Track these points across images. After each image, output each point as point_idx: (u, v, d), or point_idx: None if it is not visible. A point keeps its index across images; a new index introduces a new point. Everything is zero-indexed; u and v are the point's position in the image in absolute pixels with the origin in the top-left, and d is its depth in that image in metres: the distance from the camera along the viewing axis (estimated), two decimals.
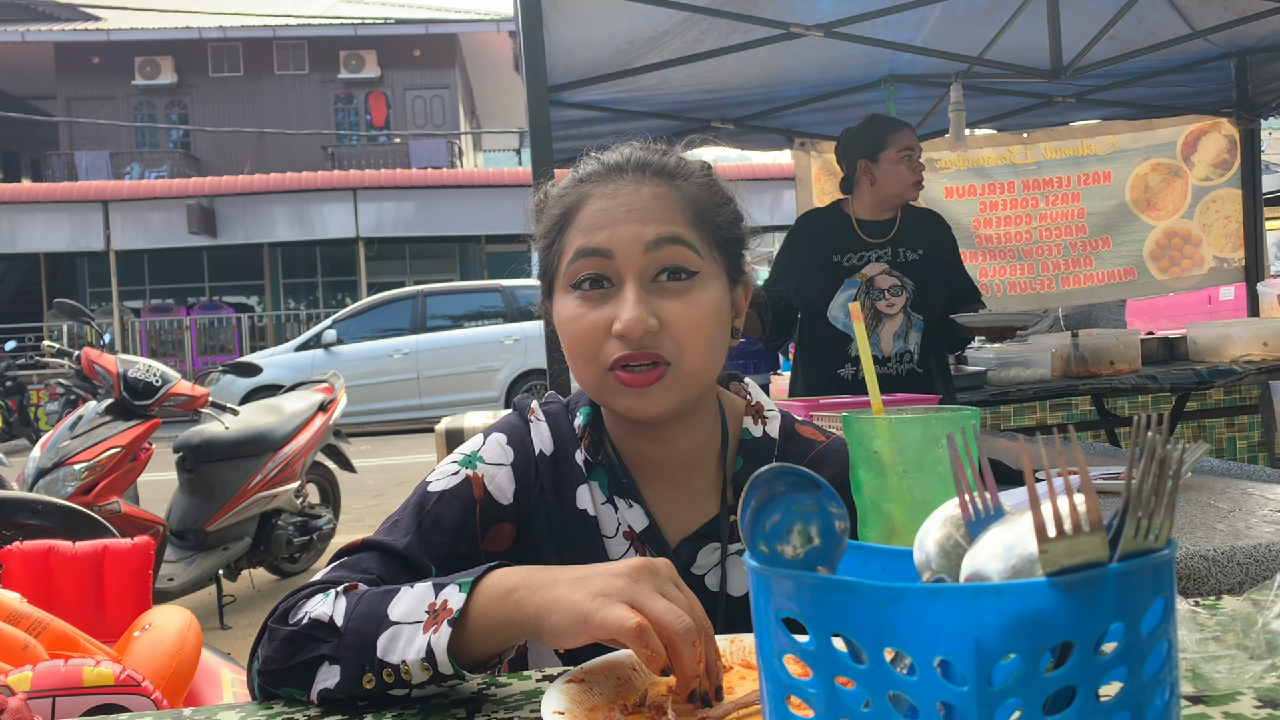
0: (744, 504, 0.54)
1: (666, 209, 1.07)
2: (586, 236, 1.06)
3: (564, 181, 1.14)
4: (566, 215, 1.10)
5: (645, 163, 1.10)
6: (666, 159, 1.11)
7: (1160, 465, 0.49)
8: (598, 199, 1.08)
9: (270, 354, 13.16)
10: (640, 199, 1.07)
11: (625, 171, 1.09)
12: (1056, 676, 0.48)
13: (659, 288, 1.05)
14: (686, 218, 1.07)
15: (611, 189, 1.08)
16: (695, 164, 1.13)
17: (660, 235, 1.04)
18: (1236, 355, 4.18)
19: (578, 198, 1.10)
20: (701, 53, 4.09)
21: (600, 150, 1.15)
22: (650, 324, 1.03)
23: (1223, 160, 5.40)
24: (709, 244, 1.09)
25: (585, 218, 1.08)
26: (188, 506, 4.66)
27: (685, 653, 0.78)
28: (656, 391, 1.05)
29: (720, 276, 1.10)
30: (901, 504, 0.80)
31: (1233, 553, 1.47)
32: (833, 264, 3.33)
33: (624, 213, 1.06)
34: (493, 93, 28.08)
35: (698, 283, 1.06)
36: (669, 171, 1.10)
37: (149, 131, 24.99)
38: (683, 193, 1.09)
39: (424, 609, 0.89)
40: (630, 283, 1.04)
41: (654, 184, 1.08)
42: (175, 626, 1.73)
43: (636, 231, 1.04)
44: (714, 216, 1.11)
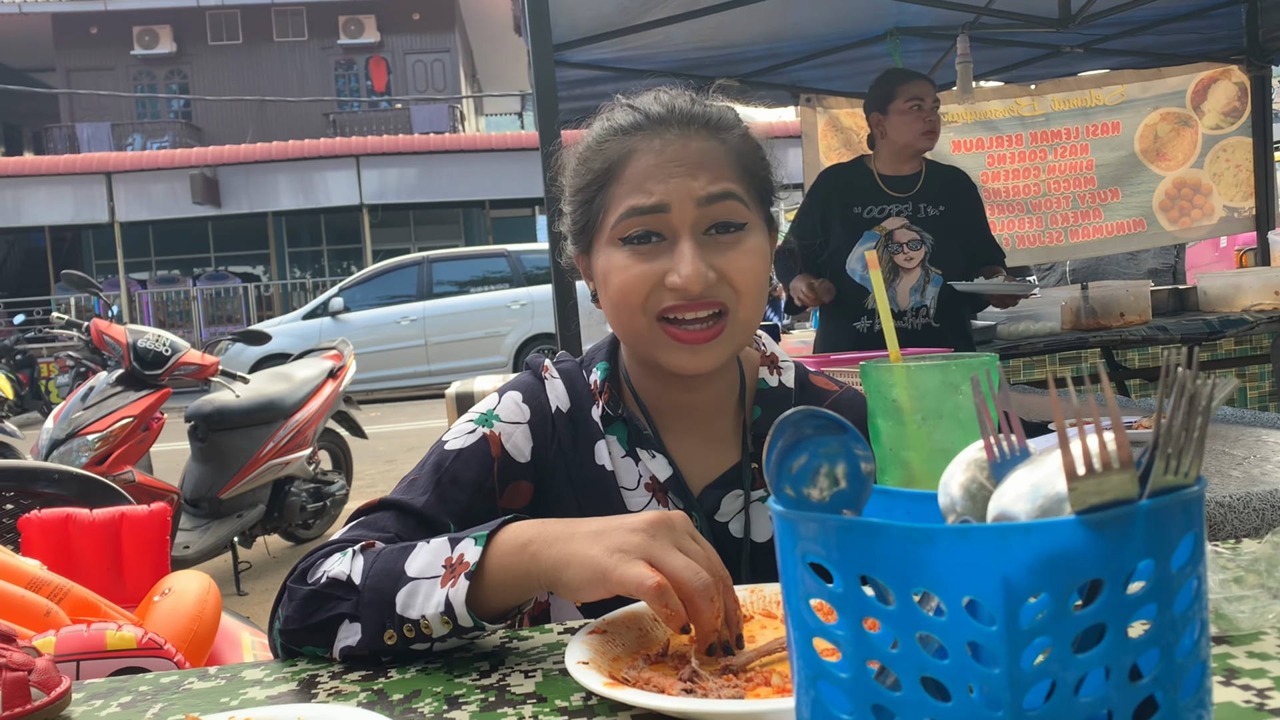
0: (770, 446, 0.53)
1: (717, 163, 1.06)
2: (638, 192, 1.05)
3: (599, 132, 1.11)
4: (611, 170, 1.08)
5: (690, 115, 1.08)
6: (710, 111, 1.10)
7: (1190, 401, 0.48)
8: (645, 154, 1.06)
9: (278, 323, 13.17)
10: (690, 153, 1.05)
11: (670, 124, 1.07)
12: (1086, 614, 0.47)
13: (711, 240, 1.06)
14: (734, 171, 1.07)
15: (659, 143, 1.06)
16: (733, 115, 1.13)
17: (713, 191, 1.05)
18: (1247, 305, 4.16)
19: (622, 151, 1.08)
20: (705, 7, 4.05)
21: (632, 97, 1.14)
22: (709, 277, 1.04)
23: (1233, 108, 5.34)
24: (753, 195, 1.10)
25: (635, 173, 1.06)
26: (201, 475, 4.69)
27: (704, 608, 0.79)
28: (714, 344, 1.06)
29: (763, 226, 1.11)
30: (920, 451, 0.80)
31: (1249, 499, 1.47)
32: (853, 215, 3.34)
33: (675, 167, 1.05)
34: (493, 56, 27.86)
35: (747, 233, 1.07)
36: (714, 124, 1.09)
37: (150, 102, 24.90)
38: (727, 145, 1.08)
39: (441, 564, 0.90)
40: (686, 237, 1.04)
41: (701, 137, 1.07)
42: (195, 591, 1.74)
43: (690, 186, 1.04)
44: (756, 168, 1.11)
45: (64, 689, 0.83)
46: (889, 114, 3.29)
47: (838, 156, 5.34)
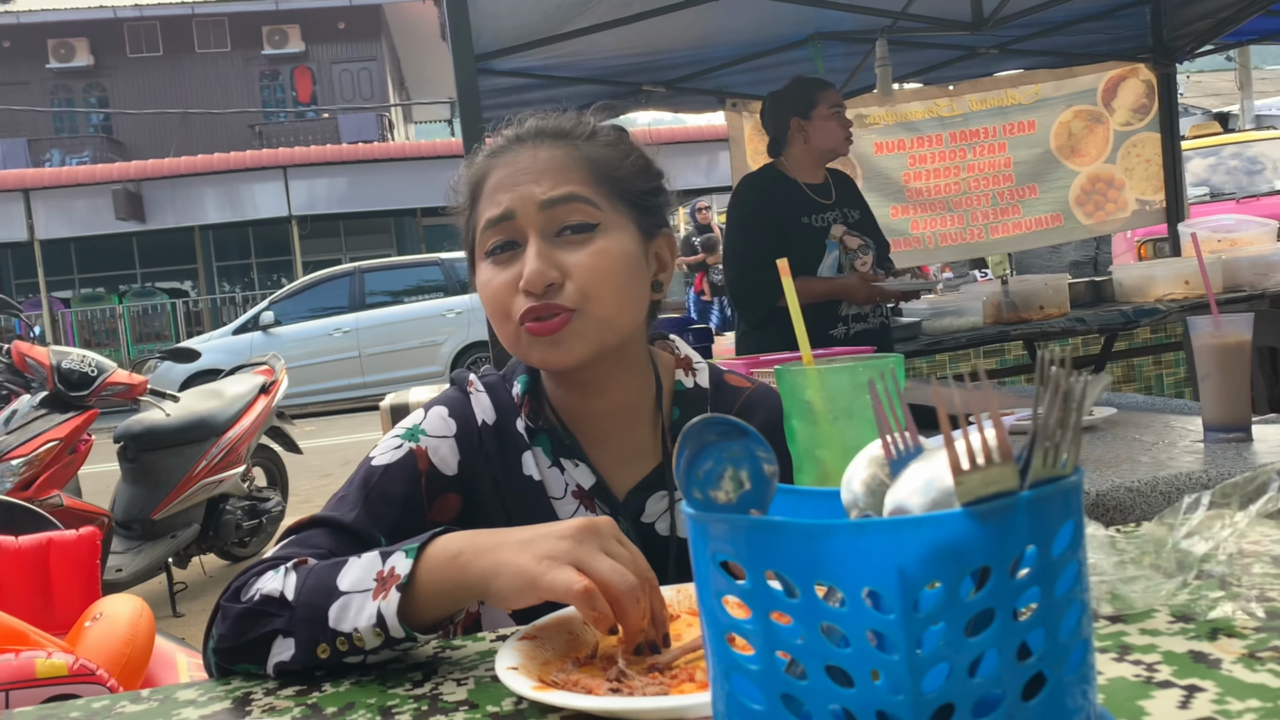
0: (678, 455, 0.56)
1: (562, 168, 1.11)
2: (491, 204, 1.11)
3: (471, 159, 1.19)
4: (475, 189, 1.15)
5: (542, 129, 1.14)
6: (563, 122, 1.16)
7: (1065, 398, 0.52)
8: (500, 168, 1.12)
9: (207, 339, 12.94)
10: (536, 161, 1.11)
11: (524, 140, 1.14)
12: (976, 600, 0.51)
13: (562, 242, 1.09)
14: (584, 174, 1.11)
15: (511, 157, 1.12)
16: (598, 125, 1.17)
17: (555, 194, 1.08)
18: (1160, 295, 4.31)
19: (484, 171, 1.14)
20: (630, 15, 4.09)
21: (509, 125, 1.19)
22: (551, 275, 1.06)
23: (1141, 105, 5.52)
24: (611, 197, 1.12)
25: (489, 188, 1.13)
26: (132, 496, 4.60)
27: (630, 610, 0.81)
28: (567, 339, 1.08)
29: (627, 227, 1.13)
30: (833, 450, 0.84)
31: (1155, 483, 1.53)
32: (803, 226, 3.37)
33: (523, 175, 1.10)
34: (421, 63, 27.65)
35: (600, 233, 1.10)
36: (565, 133, 1.14)
37: (68, 116, 24.30)
38: (580, 151, 1.13)
39: (372, 577, 0.91)
40: (532, 240, 1.08)
41: (550, 147, 1.12)
42: (127, 614, 1.72)
43: (533, 191, 1.09)
44: (616, 171, 1.14)
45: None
46: (812, 120, 3.34)
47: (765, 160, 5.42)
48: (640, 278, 1.14)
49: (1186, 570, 0.79)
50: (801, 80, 3.47)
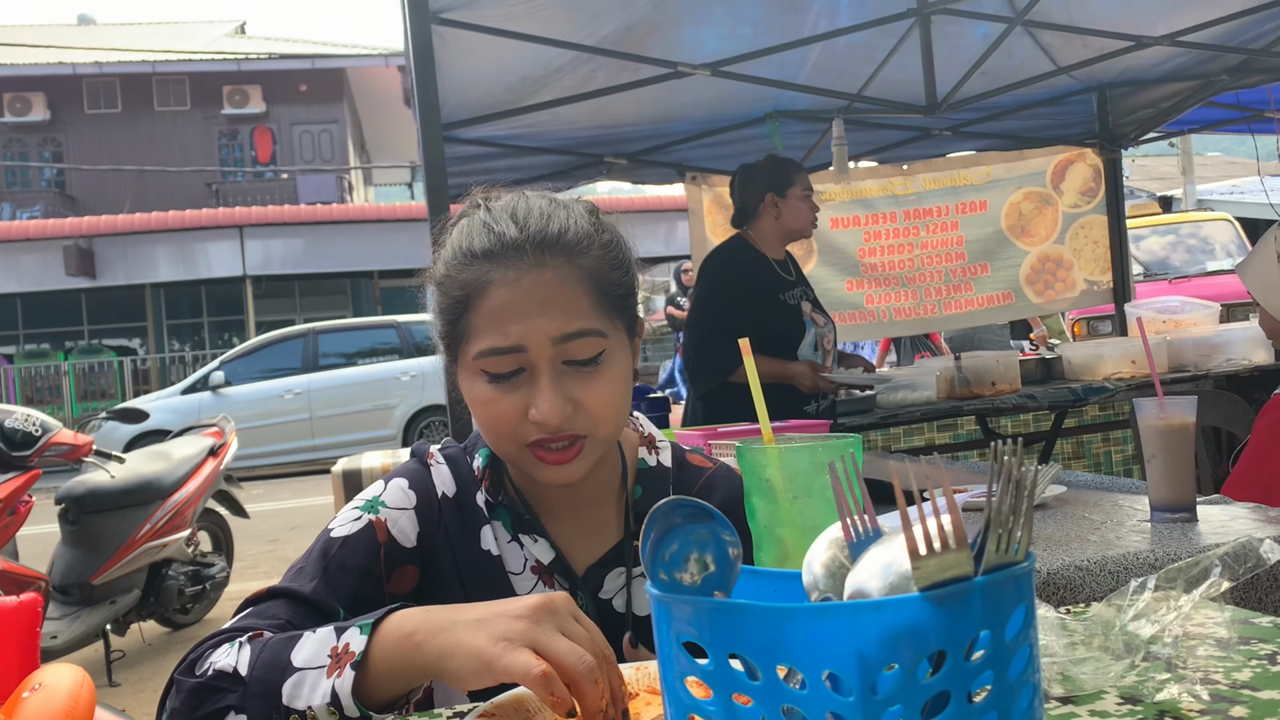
0: (644, 536, 0.57)
1: (572, 297, 1.06)
2: (495, 331, 1.05)
3: (457, 252, 1.09)
4: (469, 297, 1.07)
5: (544, 240, 1.06)
6: (565, 233, 1.08)
7: (1017, 486, 0.54)
8: (500, 286, 1.05)
9: (155, 398, 12.74)
10: (544, 287, 1.05)
11: (524, 251, 1.06)
12: (933, 683, 0.52)
13: (570, 371, 1.07)
14: (589, 299, 1.07)
15: (513, 274, 1.05)
16: (587, 228, 1.11)
17: (569, 330, 1.05)
18: (1108, 374, 4.40)
19: (479, 280, 1.07)
20: (593, 90, 4.16)
21: (488, 198, 1.13)
22: (567, 411, 1.06)
23: (1089, 188, 5.70)
24: (610, 313, 1.10)
25: (490, 307, 1.06)
26: (72, 560, 4.48)
27: (588, 691, 0.81)
28: (576, 462, 1.09)
29: (622, 339, 1.12)
30: (793, 528, 0.85)
31: (1104, 562, 1.56)
32: (780, 302, 3.43)
33: (531, 304, 1.05)
34: (383, 127, 27.82)
35: (606, 360, 1.08)
36: (568, 247, 1.07)
37: (20, 170, 24.06)
38: (584, 270, 1.08)
39: (327, 653, 0.91)
40: (544, 373, 1.05)
41: (555, 266, 1.06)
42: (67, 684, 1.67)
43: (545, 326, 1.04)
44: (614, 287, 1.11)
45: None
46: (787, 198, 3.43)
47: (723, 232, 5.49)
48: (631, 387, 1.14)
49: (1134, 652, 0.81)
50: (778, 158, 3.60)
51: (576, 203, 1.14)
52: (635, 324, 1.15)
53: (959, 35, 4.36)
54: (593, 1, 3.81)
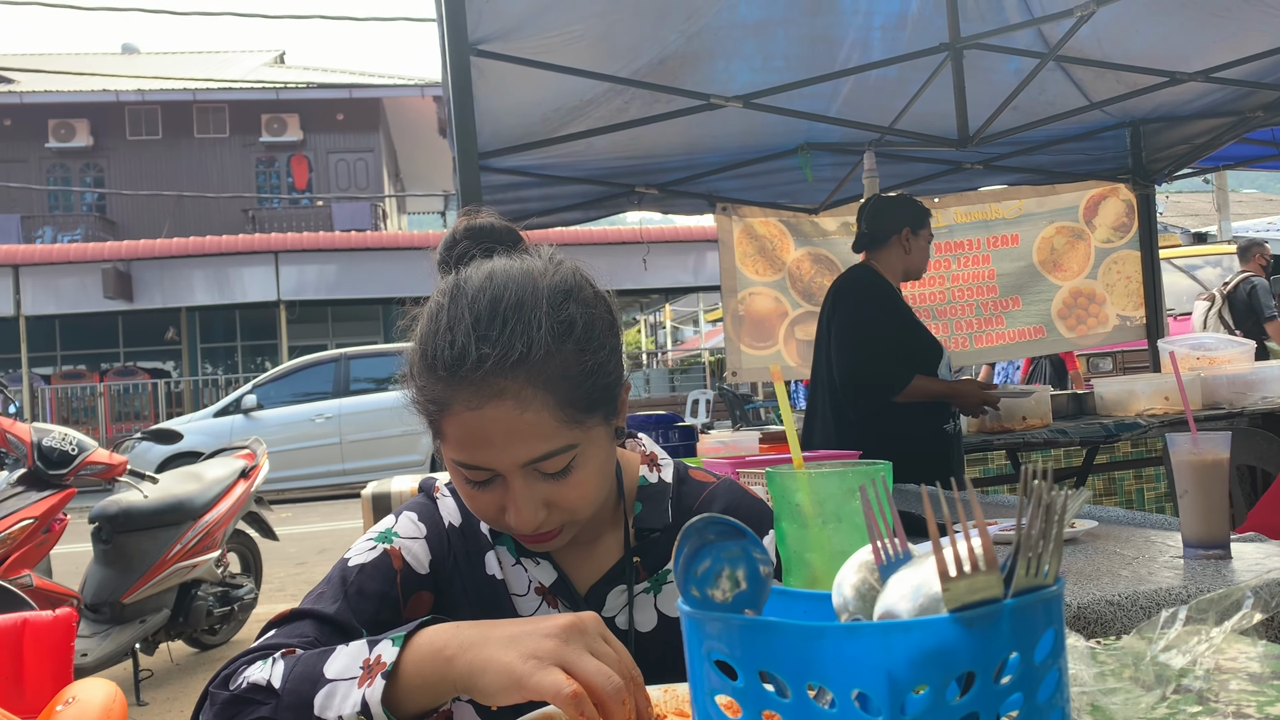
0: (677, 551, 0.58)
1: (537, 422, 1.02)
2: (460, 452, 1.05)
3: (425, 355, 1.04)
4: (434, 415, 1.05)
5: (504, 363, 1.00)
6: (529, 351, 1.01)
7: (1046, 510, 0.55)
8: (463, 412, 1.02)
9: (188, 420, 12.88)
10: (506, 417, 1.01)
11: (485, 377, 1.00)
12: (961, 704, 0.53)
13: (544, 477, 1.06)
14: (559, 415, 1.03)
15: (475, 400, 1.01)
16: (559, 329, 1.03)
17: (535, 455, 1.03)
18: (1141, 410, 4.36)
19: (443, 399, 1.03)
20: (625, 121, 4.20)
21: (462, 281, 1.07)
22: (540, 516, 1.07)
23: (1121, 223, 5.67)
24: (584, 416, 1.06)
25: (456, 431, 1.03)
26: (104, 578, 4.53)
27: (616, 711, 0.82)
28: (556, 540, 1.12)
29: (599, 430, 1.09)
30: (822, 553, 0.86)
31: (1136, 597, 1.55)
32: (920, 325, 3.62)
33: (495, 434, 1.02)
34: (417, 155, 28.15)
35: (579, 463, 1.07)
36: (533, 365, 1.01)
37: (63, 195, 24.52)
38: (551, 384, 1.02)
39: (359, 665, 0.92)
40: (515, 486, 1.05)
41: (517, 392, 1.01)
42: (99, 700, 1.69)
43: (510, 454, 1.03)
44: (587, 382, 1.06)
45: None
46: (919, 237, 3.59)
47: (753, 263, 5.53)
48: (612, 460, 1.14)
49: (1165, 684, 0.80)
50: (913, 199, 3.71)
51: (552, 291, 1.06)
52: (615, 407, 1.12)
53: (991, 70, 4.38)
54: (627, 34, 3.86)
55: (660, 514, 1.21)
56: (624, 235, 18.35)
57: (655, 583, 1.19)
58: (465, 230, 1.17)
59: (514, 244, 1.17)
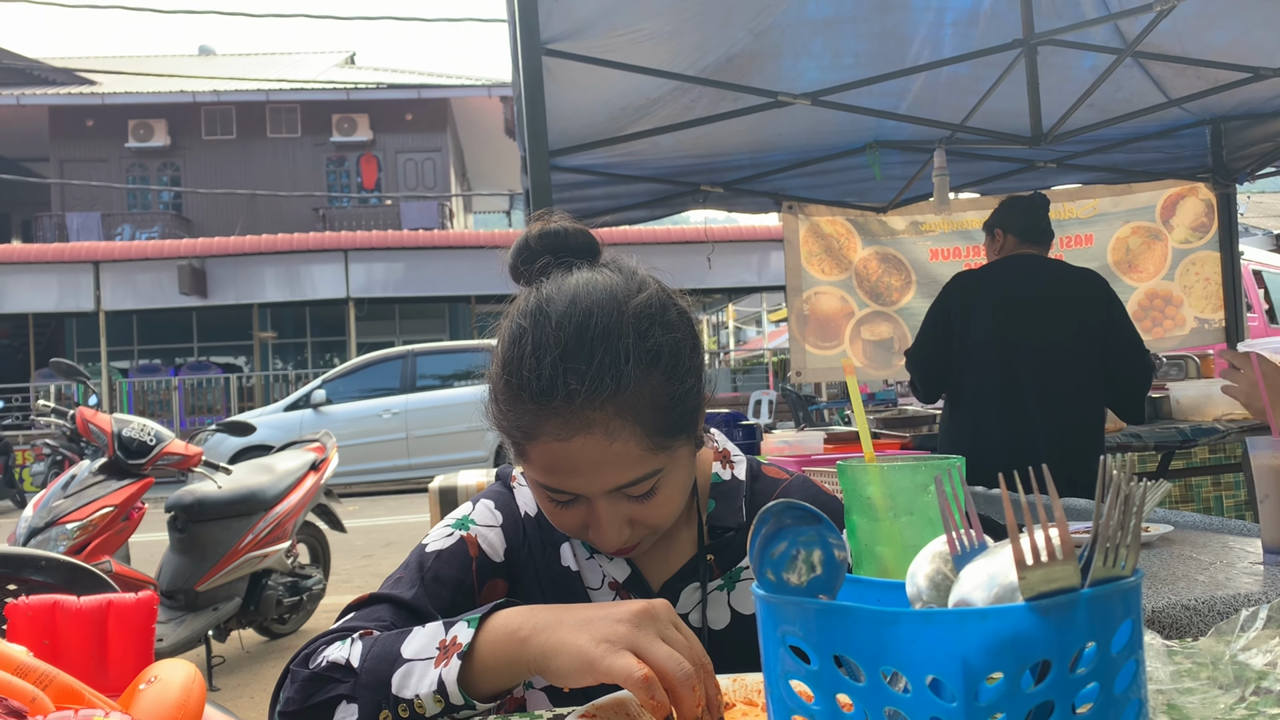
0: (753, 534, 0.59)
1: (625, 452, 1.01)
2: (546, 477, 1.05)
3: (510, 379, 1.03)
4: (519, 439, 1.05)
5: (594, 398, 0.99)
6: (619, 384, 1.00)
7: (1125, 501, 0.54)
8: (550, 441, 1.01)
9: (259, 414, 13.15)
10: (594, 448, 1.00)
11: (573, 409, 0.99)
12: (1036, 692, 0.53)
13: (628, 498, 1.06)
14: (647, 444, 1.02)
15: (563, 431, 1.00)
16: (648, 357, 1.03)
17: (623, 483, 1.04)
18: (1219, 415, 4.26)
19: (529, 426, 1.03)
20: (692, 120, 4.21)
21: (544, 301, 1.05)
22: (624, 535, 1.08)
23: (1200, 224, 5.53)
24: (667, 439, 1.05)
25: (542, 458, 1.04)
26: (179, 566, 4.65)
27: (686, 698, 0.83)
28: (636, 549, 1.13)
29: (683, 452, 1.09)
30: (893, 546, 0.86)
31: (1213, 602, 1.51)
32: None
33: (583, 463, 1.02)
34: (483, 155, 28.43)
35: (663, 482, 1.07)
36: (621, 396, 1.00)
37: (140, 193, 25.20)
38: (639, 413, 1.01)
39: (435, 646, 0.95)
40: (600, 509, 1.06)
41: (605, 423, 1.00)
42: (180, 679, 1.74)
43: (597, 482, 1.04)
44: (674, 409, 1.05)
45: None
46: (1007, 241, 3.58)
47: (819, 262, 5.49)
48: (693, 473, 1.15)
49: (1244, 684, 0.79)
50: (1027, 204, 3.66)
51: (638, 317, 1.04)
52: (697, 428, 1.11)
53: (1066, 66, 4.30)
54: (695, 32, 3.86)
55: (734, 512, 1.21)
56: (688, 235, 18.33)
57: (729, 580, 1.19)
58: (540, 236, 1.14)
59: (590, 251, 1.14)
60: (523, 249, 1.15)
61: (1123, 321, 3.40)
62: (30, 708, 1.66)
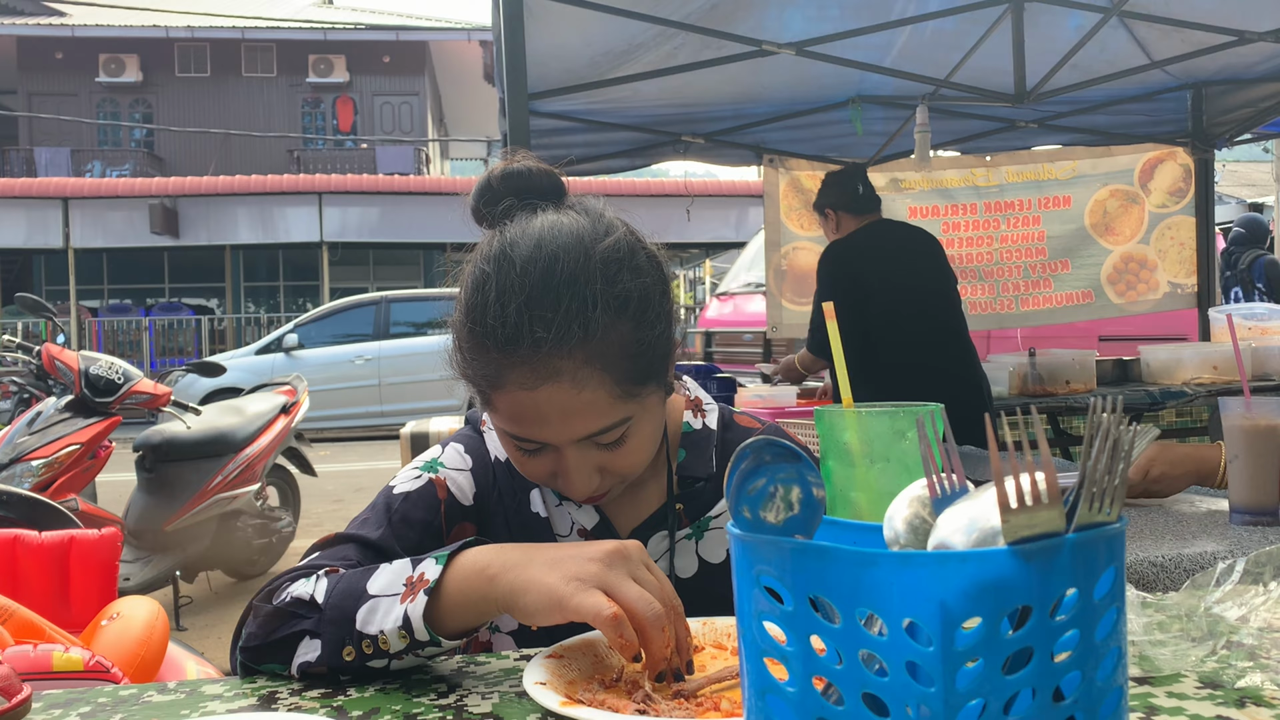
0: (731, 470, 0.57)
1: (593, 400, 1.00)
2: (513, 426, 1.03)
3: (473, 327, 1.01)
4: (484, 387, 1.03)
5: (560, 345, 0.97)
6: (587, 329, 0.98)
7: (1114, 446, 0.53)
8: (514, 388, 1.00)
9: (230, 356, 13.03)
10: (562, 397, 0.99)
11: (540, 358, 0.97)
12: (1015, 638, 0.51)
13: (596, 446, 1.05)
14: (616, 391, 1.01)
15: (530, 379, 0.98)
16: (616, 302, 1.00)
17: (591, 431, 1.02)
18: (1188, 378, 4.29)
19: (494, 376, 1.01)
20: (674, 67, 4.15)
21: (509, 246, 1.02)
22: (593, 484, 1.06)
23: (1178, 188, 5.54)
24: (636, 385, 1.03)
25: (506, 406, 1.02)
26: (146, 506, 4.62)
27: (655, 637, 0.82)
28: (605, 498, 1.12)
29: (653, 398, 1.08)
30: (869, 493, 0.85)
31: (1180, 559, 1.53)
32: None
33: (550, 413, 1.00)
34: (461, 101, 28.05)
35: (632, 430, 1.05)
36: (589, 342, 0.98)
37: (111, 129, 24.73)
38: (607, 360, 0.99)
39: (402, 582, 0.93)
40: (568, 457, 1.04)
41: (573, 372, 0.98)
42: (143, 616, 1.73)
43: (565, 431, 1.02)
44: (641, 355, 1.03)
45: (25, 696, 0.84)
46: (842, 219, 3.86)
47: (798, 217, 5.47)
48: (663, 420, 1.13)
49: (1216, 638, 0.79)
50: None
51: (605, 262, 1.01)
52: (668, 375, 1.09)
53: (1051, 24, 4.26)
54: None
55: (704, 462, 1.20)
56: (667, 187, 18.21)
57: (697, 529, 1.18)
58: (503, 177, 1.10)
59: (556, 192, 1.11)
60: (485, 190, 1.11)
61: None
62: None
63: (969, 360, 3.71)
